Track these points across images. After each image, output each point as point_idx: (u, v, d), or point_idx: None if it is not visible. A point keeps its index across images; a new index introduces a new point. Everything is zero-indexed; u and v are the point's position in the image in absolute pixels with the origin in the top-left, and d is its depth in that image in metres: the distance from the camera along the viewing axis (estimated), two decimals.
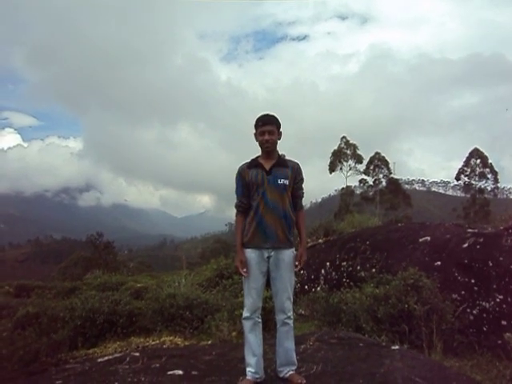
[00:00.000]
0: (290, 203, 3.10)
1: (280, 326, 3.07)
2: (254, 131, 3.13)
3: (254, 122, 3.13)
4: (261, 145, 3.08)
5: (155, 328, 6.65)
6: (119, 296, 7.44)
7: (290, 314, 3.07)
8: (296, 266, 3.05)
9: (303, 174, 3.20)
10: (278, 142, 3.14)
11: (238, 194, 3.14)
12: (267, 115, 3.10)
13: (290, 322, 3.07)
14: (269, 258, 3.04)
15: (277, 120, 3.10)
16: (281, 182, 3.03)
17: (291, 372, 3.05)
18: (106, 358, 4.21)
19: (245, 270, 3.02)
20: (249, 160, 3.17)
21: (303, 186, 3.23)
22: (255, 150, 3.17)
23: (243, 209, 3.12)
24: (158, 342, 5.91)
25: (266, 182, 3.02)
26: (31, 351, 5.40)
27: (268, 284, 3.18)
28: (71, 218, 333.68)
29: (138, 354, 4.07)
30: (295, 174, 3.12)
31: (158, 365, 3.68)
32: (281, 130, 3.14)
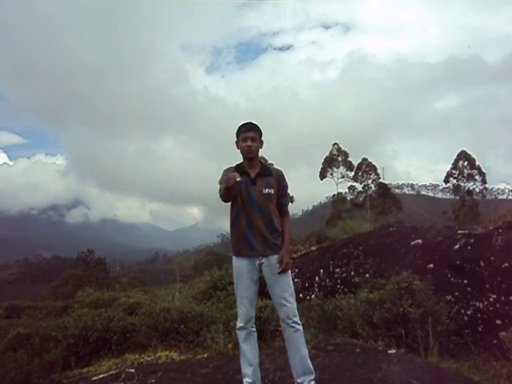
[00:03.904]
0: (276, 211, 3.10)
1: (289, 333, 2.96)
2: (235, 139, 3.12)
3: (235, 131, 3.12)
4: (243, 151, 3.07)
5: (150, 343, 6.55)
6: (112, 312, 7.32)
7: (297, 318, 2.97)
8: (278, 268, 2.97)
9: (287, 181, 3.20)
10: (260, 150, 3.14)
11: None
12: (250, 122, 3.12)
13: (299, 326, 2.97)
14: (260, 265, 3.02)
15: (259, 128, 3.11)
16: (265, 191, 3.02)
17: (312, 383, 2.93)
18: (101, 376, 4.15)
19: (238, 178, 2.78)
20: (233, 165, 3.14)
21: (288, 192, 3.23)
22: (238, 160, 3.17)
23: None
24: (153, 357, 5.82)
25: (251, 192, 3.01)
26: (23, 373, 5.28)
27: (262, 293, 3.15)
28: (60, 236, 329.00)
29: (133, 371, 4.01)
30: (279, 182, 3.11)
31: (154, 380, 3.64)
32: (262, 139, 3.15)
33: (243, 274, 3.01)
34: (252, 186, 3.02)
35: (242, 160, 3.14)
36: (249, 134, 3.04)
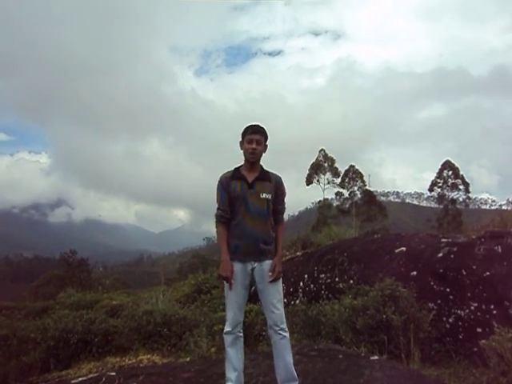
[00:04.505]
0: (271, 217, 3.08)
1: (275, 339, 2.97)
2: (240, 139, 3.08)
3: (242, 131, 3.08)
4: (246, 153, 3.03)
5: (132, 346, 6.47)
6: (94, 314, 7.22)
7: (284, 325, 2.99)
8: (270, 276, 2.99)
9: (285, 188, 3.18)
10: (263, 154, 3.10)
11: (221, 204, 3.05)
12: (257, 125, 3.07)
13: (286, 333, 2.98)
14: (252, 269, 3.01)
15: (265, 132, 3.08)
16: (263, 196, 3.00)
17: None
18: (80, 379, 4.08)
19: (232, 280, 2.96)
20: (231, 169, 3.11)
21: (285, 200, 3.21)
22: (225, 163, 3.15)
23: (225, 219, 3.04)
24: (134, 360, 5.75)
25: (248, 196, 2.99)
26: None
27: (251, 298, 3.14)
28: (42, 235, 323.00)
29: (114, 374, 3.95)
30: (277, 188, 3.10)
31: None
32: (267, 143, 3.11)
33: (235, 279, 2.98)
34: (249, 190, 3.00)
35: (230, 163, 3.12)
36: (254, 137, 3.01)
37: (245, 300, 3.08)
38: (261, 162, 3.12)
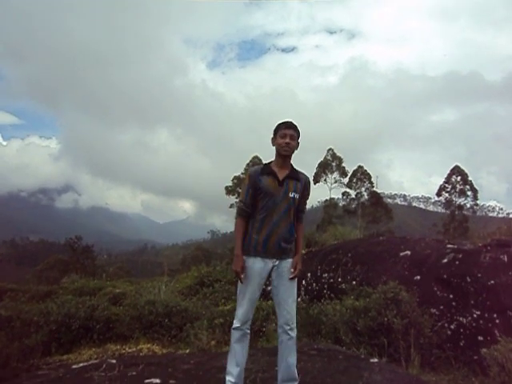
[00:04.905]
0: (295, 216, 3.08)
1: (283, 339, 2.98)
2: (271, 136, 3.07)
3: (274, 128, 3.07)
4: (279, 148, 3.01)
5: (132, 335, 6.54)
6: (97, 301, 7.29)
7: (294, 325, 2.99)
8: (291, 273, 3.00)
9: (310, 189, 3.18)
10: (295, 151, 3.08)
11: (245, 199, 3.04)
12: (291, 121, 3.07)
13: (294, 334, 2.98)
14: (273, 267, 3.00)
15: (298, 129, 3.07)
16: (291, 195, 3.00)
17: None
18: (81, 364, 4.12)
19: (243, 276, 2.95)
20: (261, 165, 3.11)
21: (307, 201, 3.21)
22: (232, 157, 3.13)
23: (246, 213, 3.04)
24: (134, 349, 5.81)
25: (277, 193, 2.97)
26: (1, 356, 5.21)
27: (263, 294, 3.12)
28: (48, 220, 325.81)
29: (114, 362, 3.99)
30: (304, 189, 3.10)
31: (134, 373, 3.62)
32: (299, 140, 3.09)
33: (254, 276, 2.96)
34: (278, 188, 2.99)
35: (237, 158, 3.12)
36: (288, 132, 3.00)
37: (258, 297, 3.07)
38: (268, 158, 3.12)
